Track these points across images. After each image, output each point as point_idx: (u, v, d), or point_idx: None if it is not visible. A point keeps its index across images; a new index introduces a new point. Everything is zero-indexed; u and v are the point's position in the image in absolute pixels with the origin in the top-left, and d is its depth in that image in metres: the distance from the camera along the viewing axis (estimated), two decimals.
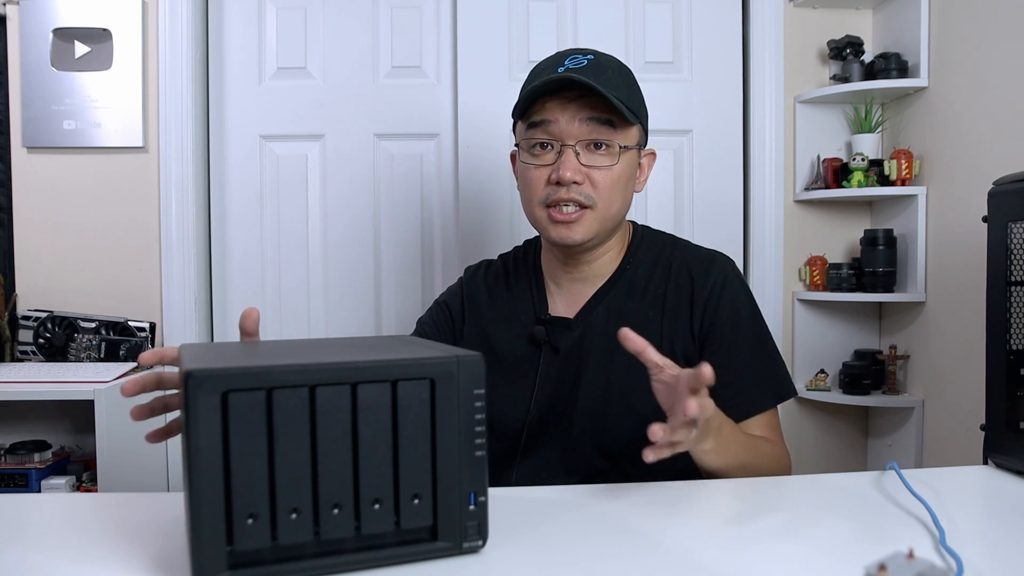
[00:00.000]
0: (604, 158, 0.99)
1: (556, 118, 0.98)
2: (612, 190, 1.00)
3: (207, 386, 0.53)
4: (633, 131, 1.02)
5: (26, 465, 1.65)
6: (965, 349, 1.73)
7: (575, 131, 0.98)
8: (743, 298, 1.04)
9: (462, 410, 0.60)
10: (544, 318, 1.07)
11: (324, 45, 1.97)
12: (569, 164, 0.97)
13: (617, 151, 0.99)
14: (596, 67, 0.98)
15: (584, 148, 0.99)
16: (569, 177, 0.97)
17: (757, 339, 1.03)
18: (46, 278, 1.90)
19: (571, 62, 0.99)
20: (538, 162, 1.01)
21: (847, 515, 0.73)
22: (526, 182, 1.03)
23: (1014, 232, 0.88)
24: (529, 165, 1.02)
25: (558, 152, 0.99)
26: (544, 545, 0.65)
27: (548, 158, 1.00)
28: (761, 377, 1.01)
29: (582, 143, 0.98)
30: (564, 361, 1.04)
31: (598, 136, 0.98)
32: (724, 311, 1.01)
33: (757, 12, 1.99)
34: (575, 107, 0.98)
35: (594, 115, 0.98)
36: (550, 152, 1.00)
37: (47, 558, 0.62)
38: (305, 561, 0.56)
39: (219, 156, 1.97)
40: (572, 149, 0.98)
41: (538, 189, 1.01)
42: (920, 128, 1.91)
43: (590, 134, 0.98)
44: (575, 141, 0.98)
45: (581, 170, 0.98)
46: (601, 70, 0.98)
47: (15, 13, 1.86)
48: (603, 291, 1.06)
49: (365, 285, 1.99)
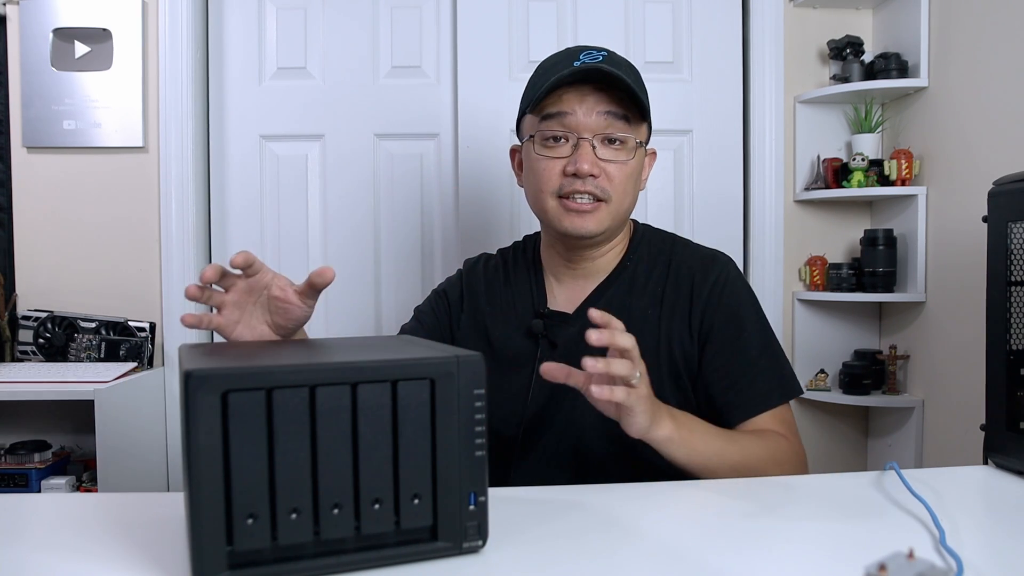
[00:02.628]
0: (620, 153, 1.00)
1: (573, 110, 0.98)
2: (626, 185, 1.00)
3: (207, 386, 0.53)
4: (643, 128, 1.04)
5: (26, 465, 1.65)
6: (965, 349, 1.73)
7: (592, 124, 0.98)
8: (744, 297, 1.04)
9: (462, 410, 0.60)
10: (543, 312, 1.06)
11: (324, 45, 1.97)
12: (587, 156, 0.97)
13: (633, 146, 1.00)
14: (611, 63, 0.98)
15: (600, 142, 0.99)
16: (587, 170, 0.97)
17: (760, 338, 1.02)
18: (46, 278, 1.90)
19: (587, 56, 0.99)
20: (553, 154, 1.00)
21: (847, 515, 0.73)
22: (537, 173, 1.02)
23: (1014, 232, 0.88)
24: (542, 157, 1.01)
25: (574, 145, 0.99)
26: (544, 545, 0.65)
27: (563, 150, 1.00)
28: (766, 375, 1.00)
29: (599, 137, 0.99)
30: (562, 356, 1.02)
31: (614, 130, 0.99)
32: (724, 311, 1.01)
33: (757, 12, 1.99)
34: (593, 100, 0.98)
35: (611, 109, 0.98)
36: (565, 145, 1.00)
37: (47, 558, 0.62)
38: (305, 561, 0.56)
39: (219, 156, 1.97)
40: (589, 142, 0.98)
41: (551, 180, 1.00)
42: (920, 128, 1.91)
43: (607, 128, 0.98)
44: (592, 134, 0.98)
45: (598, 163, 0.98)
46: (616, 66, 0.98)
47: (15, 13, 1.87)
48: (603, 287, 1.06)
49: (365, 285, 1.99)
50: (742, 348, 1.00)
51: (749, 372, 0.99)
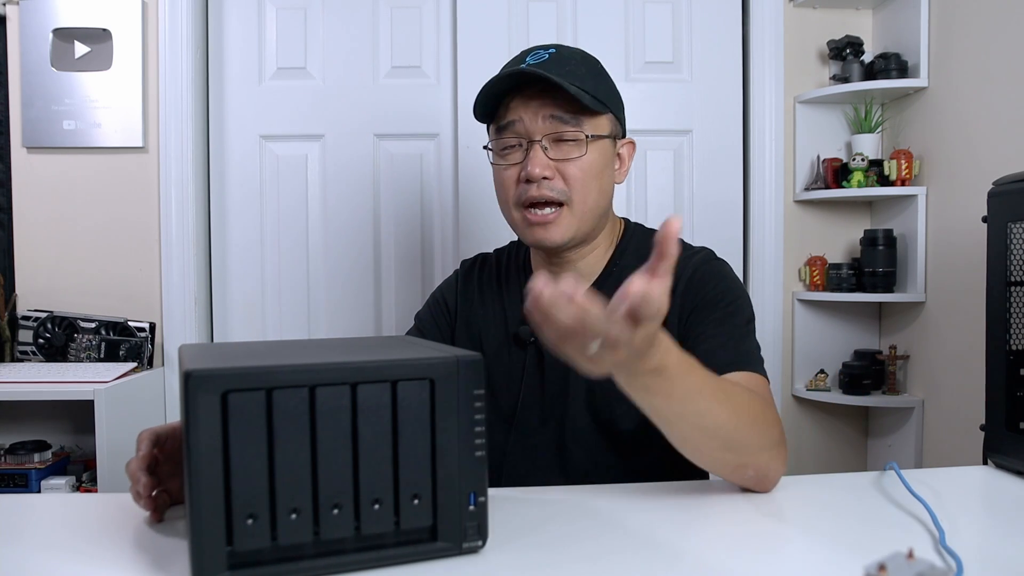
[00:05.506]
0: (572, 148, 0.96)
1: (520, 116, 0.97)
2: (585, 182, 0.97)
3: (207, 386, 0.53)
4: (603, 120, 0.99)
5: (26, 465, 1.65)
6: (965, 349, 1.73)
7: (540, 127, 0.96)
8: (715, 281, 0.98)
9: (462, 410, 0.60)
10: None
11: (324, 45, 1.97)
12: (537, 160, 0.95)
13: (584, 140, 0.97)
14: (557, 60, 0.97)
15: (551, 143, 0.97)
16: (538, 173, 0.95)
17: (725, 315, 0.95)
18: (46, 278, 1.90)
19: (532, 58, 0.98)
20: (507, 162, 0.99)
21: (847, 515, 0.73)
22: (498, 184, 1.02)
23: (1014, 232, 0.88)
24: (499, 166, 1.01)
25: (525, 150, 0.97)
26: (544, 545, 0.65)
27: (517, 157, 0.99)
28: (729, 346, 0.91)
29: (549, 138, 0.97)
30: (550, 362, 1.02)
31: (563, 128, 0.96)
32: (696, 298, 0.97)
33: (757, 12, 1.99)
34: (537, 103, 0.96)
35: (557, 107, 0.96)
36: (518, 151, 0.99)
37: (47, 558, 0.62)
38: (305, 561, 0.56)
39: (219, 156, 1.97)
40: (539, 145, 0.96)
41: (510, 190, 0.99)
42: (920, 128, 1.91)
43: (555, 128, 0.96)
44: (541, 136, 0.96)
45: (550, 165, 0.96)
46: (563, 62, 0.97)
47: (15, 13, 1.86)
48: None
49: (365, 285, 1.99)
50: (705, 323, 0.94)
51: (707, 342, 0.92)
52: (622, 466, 0.99)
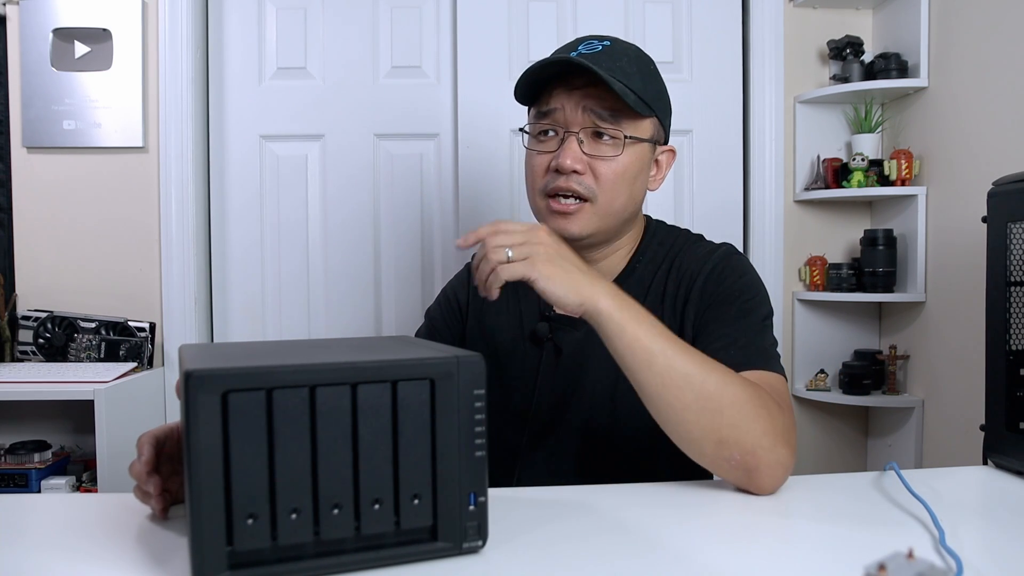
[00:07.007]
0: (608, 148, 0.94)
1: (561, 105, 0.95)
2: (615, 183, 0.95)
3: (207, 386, 0.53)
4: (646, 124, 0.97)
5: (26, 465, 1.65)
6: (965, 349, 1.73)
7: (579, 119, 0.94)
8: (735, 277, 0.97)
9: (462, 410, 0.60)
10: (548, 315, 1.03)
11: (324, 45, 1.97)
12: (570, 152, 0.94)
13: (622, 141, 0.94)
14: (609, 54, 0.94)
15: (588, 137, 0.95)
16: (569, 165, 0.93)
17: (741, 311, 0.93)
18: (46, 278, 1.90)
19: (584, 47, 0.95)
20: (541, 148, 0.98)
21: (847, 515, 0.73)
22: (529, 170, 1.00)
23: (1014, 232, 0.88)
24: (532, 151, 0.99)
25: (561, 139, 0.96)
26: (544, 545, 0.65)
27: (551, 145, 0.97)
28: (742, 344, 0.90)
29: (586, 131, 0.95)
30: (567, 360, 1.01)
31: (602, 124, 0.94)
32: (714, 292, 0.96)
33: (757, 12, 1.99)
34: (580, 95, 0.94)
35: (600, 103, 0.94)
36: (553, 139, 0.97)
37: (47, 558, 0.62)
38: (305, 561, 0.56)
39: (219, 156, 1.97)
40: (575, 137, 0.94)
41: (539, 177, 0.98)
42: (920, 128, 1.91)
43: (594, 123, 0.94)
44: (579, 129, 0.94)
45: (583, 159, 0.94)
46: (615, 57, 0.94)
47: (15, 13, 1.86)
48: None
49: (365, 285, 1.99)
50: (720, 320, 0.93)
51: (721, 339, 0.91)
52: (636, 466, 0.98)
